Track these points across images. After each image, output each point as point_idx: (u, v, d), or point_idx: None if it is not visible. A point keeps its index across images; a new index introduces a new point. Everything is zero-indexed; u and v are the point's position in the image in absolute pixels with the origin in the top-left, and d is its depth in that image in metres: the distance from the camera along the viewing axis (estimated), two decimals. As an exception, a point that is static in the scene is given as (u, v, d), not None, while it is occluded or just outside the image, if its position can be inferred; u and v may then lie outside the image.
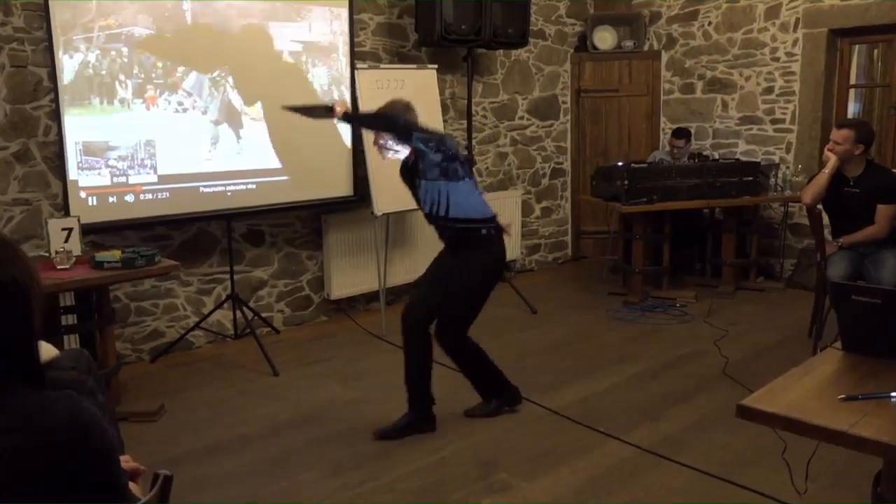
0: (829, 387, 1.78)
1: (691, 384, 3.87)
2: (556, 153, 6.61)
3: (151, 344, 4.43)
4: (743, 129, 6.09)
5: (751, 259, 5.68)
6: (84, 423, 1.17)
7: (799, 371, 1.88)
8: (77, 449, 1.15)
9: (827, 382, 1.82)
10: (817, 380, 1.83)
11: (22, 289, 1.18)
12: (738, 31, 6.00)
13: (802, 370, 1.89)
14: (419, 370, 3.37)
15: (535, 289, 5.76)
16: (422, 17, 5.11)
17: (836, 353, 2.00)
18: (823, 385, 1.80)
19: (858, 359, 1.92)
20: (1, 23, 3.76)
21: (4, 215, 3.87)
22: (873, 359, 1.90)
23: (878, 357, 1.89)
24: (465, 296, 3.32)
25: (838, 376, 1.87)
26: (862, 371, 1.86)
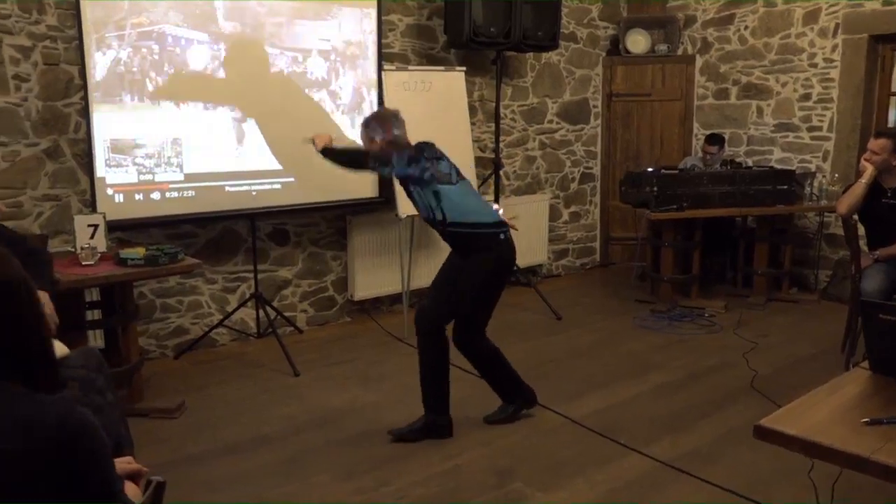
0: (854, 409, 1.71)
1: (717, 397, 3.78)
2: (585, 157, 6.53)
3: (176, 340, 4.47)
4: (778, 137, 5.95)
5: (784, 269, 5.54)
6: (75, 427, 1.16)
7: (823, 391, 1.81)
8: (67, 452, 1.14)
9: (852, 404, 1.74)
10: (841, 401, 1.76)
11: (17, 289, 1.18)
12: (775, 35, 5.86)
13: (827, 390, 1.82)
14: (433, 373, 3.35)
15: (561, 294, 5.69)
16: (451, 18, 5.07)
17: (864, 374, 1.92)
18: (848, 407, 1.72)
19: (886, 381, 1.84)
20: (35, 21, 3.82)
21: (35, 210, 3.93)
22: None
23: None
24: (475, 295, 3.31)
25: (864, 398, 1.79)
26: (889, 394, 1.78)
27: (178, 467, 3.06)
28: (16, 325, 1.20)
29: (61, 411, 1.16)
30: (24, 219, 3.89)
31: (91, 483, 1.18)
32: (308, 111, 4.45)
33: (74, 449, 1.14)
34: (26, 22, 3.79)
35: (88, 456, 1.16)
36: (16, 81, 3.80)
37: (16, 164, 3.85)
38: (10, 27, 3.75)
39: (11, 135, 3.82)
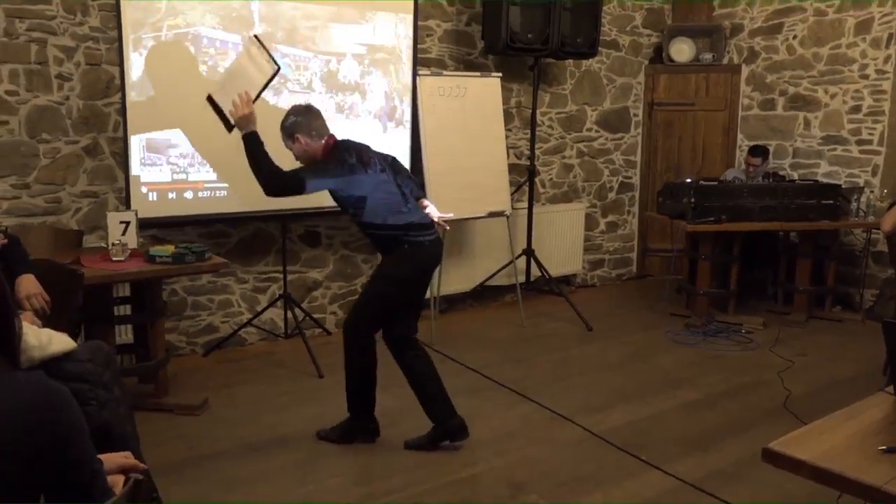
0: (872, 435, 1.62)
1: (747, 416, 3.65)
2: (624, 167, 6.42)
3: (205, 338, 4.52)
4: (826, 150, 5.76)
5: (827, 287, 5.35)
6: (51, 400, 1.16)
7: (842, 415, 1.73)
8: (42, 427, 1.13)
9: (871, 430, 1.66)
10: (861, 426, 1.67)
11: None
12: (824, 45, 5.68)
13: (846, 414, 1.73)
14: (355, 377, 3.29)
15: (594, 305, 5.60)
16: (488, 24, 5.05)
17: (889, 399, 1.83)
18: (866, 433, 1.64)
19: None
20: (79, 22, 3.92)
21: (73, 206, 4.03)
22: (928, 407, 1.72)
23: (934, 406, 1.71)
24: (367, 300, 3.24)
25: (886, 425, 1.70)
26: (912, 420, 1.68)
27: (196, 464, 3.09)
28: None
29: (36, 383, 1.16)
30: (63, 214, 3.99)
31: (68, 458, 1.17)
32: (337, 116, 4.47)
33: (49, 421, 1.14)
34: (70, 23, 3.90)
35: (65, 427, 1.16)
36: (59, 81, 3.91)
37: (56, 161, 3.95)
38: (55, 28, 3.86)
39: (53, 132, 3.92)
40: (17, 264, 2.63)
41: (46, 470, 1.15)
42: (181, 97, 3.90)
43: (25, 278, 2.61)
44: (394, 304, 3.21)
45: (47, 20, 3.83)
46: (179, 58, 3.90)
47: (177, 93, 3.90)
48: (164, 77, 3.86)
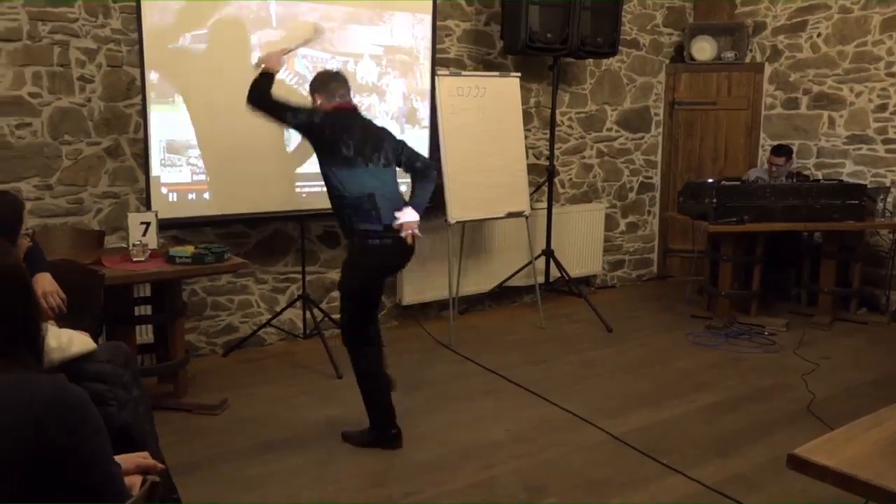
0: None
1: (770, 420, 3.60)
2: (645, 167, 6.36)
3: (225, 338, 4.55)
4: (851, 149, 5.66)
5: (852, 288, 5.26)
6: (70, 403, 1.17)
7: (868, 421, 1.69)
8: (60, 426, 1.14)
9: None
10: (888, 433, 1.63)
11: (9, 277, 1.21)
12: (849, 43, 5.58)
13: (872, 420, 1.69)
14: (365, 384, 3.26)
15: (614, 306, 5.55)
16: (507, 24, 5.03)
17: (916, 404, 1.78)
18: (893, 440, 1.59)
19: (940, 412, 1.70)
20: (100, 24, 3.96)
21: (94, 207, 4.06)
22: (957, 414, 1.67)
23: (963, 412, 1.67)
24: (341, 298, 3.28)
25: (913, 431, 1.66)
26: (942, 427, 1.64)
27: (214, 464, 3.10)
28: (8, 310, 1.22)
29: (54, 387, 1.17)
30: (84, 215, 4.02)
31: (84, 461, 1.18)
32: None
33: (67, 423, 1.15)
34: (92, 25, 3.94)
35: (81, 431, 1.16)
36: (81, 83, 3.94)
37: (78, 162, 3.99)
38: (77, 30, 3.90)
39: (75, 134, 3.96)
40: (34, 263, 2.65)
41: (64, 471, 1.15)
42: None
43: (41, 276, 2.63)
44: (362, 295, 3.19)
45: (69, 23, 3.86)
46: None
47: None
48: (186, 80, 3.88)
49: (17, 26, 3.73)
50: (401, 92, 4.62)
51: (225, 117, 3.98)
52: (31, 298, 1.26)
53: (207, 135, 4.01)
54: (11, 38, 3.72)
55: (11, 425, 1.11)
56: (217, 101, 3.97)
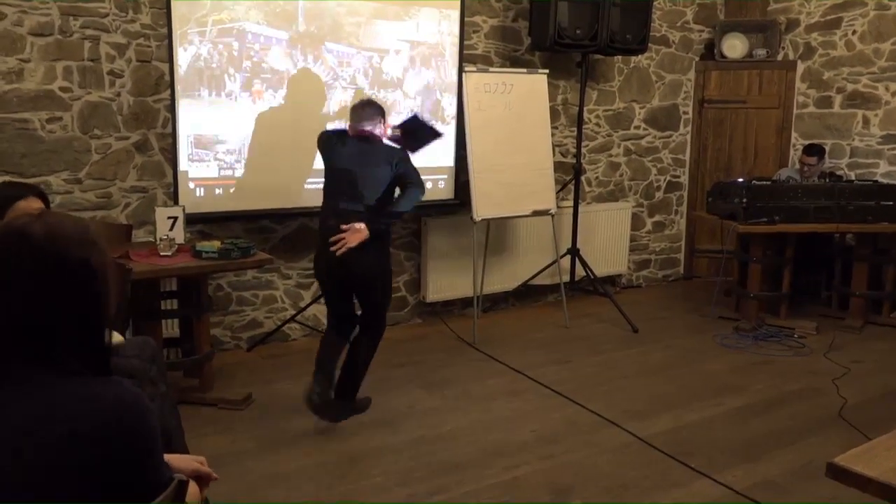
0: (944, 453, 1.53)
1: (800, 425, 3.53)
2: (672, 165, 6.28)
3: (250, 333, 4.56)
4: (886, 149, 5.54)
5: (885, 292, 5.14)
6: (132, 404, 1.16)
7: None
8: (126, 430, 1.13)
9: (942, 447, 1.56)
10: (930, 442, 1.58)
11: (90, 273, 1.18)
12: (886, 41, 5.46)
13: (914, 429, 1.63)
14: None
15: (640, 307, 5.49)
16: (536, 20, 4.98)
17: (960, 413, 1.72)
18: (937, 450, 1.54)
19: None
20: (130, 20, 3.98)
21: (123, 201, 4.09)
22: None
23: None
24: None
25: (957, 441, 1.60)
26: None
27: (239, 459, 3.10)
28: (87, 309, 1.20)
29: (117, 391, 1.16)
30: (112, 209, 4.05)
31: (146, 465, 1.18)
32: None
33: (133, 427, 1.14)
34: (122, 20, 3.96)
35: (147, 434, 1.16)
36: (110, 77, 3.97)
37: (107, 157, 4.02)
38: (108, 25, 3.92)
39: (104, 128, 3.99)
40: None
41: (123, 475, 1.14)
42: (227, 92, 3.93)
43: None
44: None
45: (100, 17, 3.89)
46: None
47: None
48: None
49: (49, 21, 3.76)
50: (426, 87, 4.59)
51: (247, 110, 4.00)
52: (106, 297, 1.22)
53: (233, 129, 4.02)
54: (43, 33, 3.76)
55: (84, 430, 1.10)
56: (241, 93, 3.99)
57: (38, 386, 1.13)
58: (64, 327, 1.17)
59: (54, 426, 1.10)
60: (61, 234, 1.18)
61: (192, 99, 3.88)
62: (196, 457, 1.54)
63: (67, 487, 1.09)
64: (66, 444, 1.10)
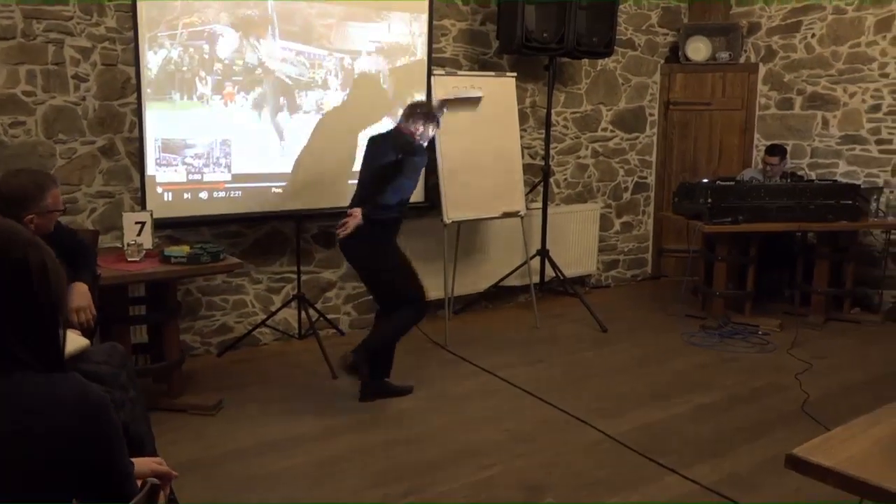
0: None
1: (765, 420, 3.61)
2: (639, 167, 6.38)
3: (220, 338, 4.53)
4: (844, 149, 5.69)
5: (845, 288, 5.28)
6: (94, 400, 1.17)
7: (865, 421, 1.70)
8: (90, 426, 1.14)
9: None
10: (885, 432, 1.64)
11: (34, 272, 1.18)
12: (843, 44, 5.61)
13: (869, 420, 1.70)
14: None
15: (609, 306, 5.56)
16: (503, 24, 5.03)
17: (914, 404, 1.79)
18: (891, 439, 1.60)
19: (938, 413, 1.71)
20: (95, 23, 3.94)
21: (89, 206, 4.05)
22: (955, 414, 1.68)
23: (961, 412, 1.68)
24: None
25: (911, 431, 1.67)
26: (940, 427, 1.65)
27: (211, 465, 3.09)
28: (29, 309, 1.20)
29: (78, 387, 1.17)
30: (78, 214, 4.00)
31: (108, 460, 1.18)
32: (355, 113, 4.48)
33: (97, 422, 1.15)
34: (87, 24, 3.91)
35: (109, 430, 1.17)
36: (75, 81, 3.92)
37: (72, 162, 3.97)
38: (72, 29, 3.87)
39: (69, 133, 3.94)
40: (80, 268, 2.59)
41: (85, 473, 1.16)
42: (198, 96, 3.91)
43: (77, 287, 2.55)
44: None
45: (64, 21, 3.84)
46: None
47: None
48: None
49: (12, 24, 3.71)
50: (398, 89, 4.61)
51: (218, 114, 3.99)
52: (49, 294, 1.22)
53: (202, 133, 4.00)
54: (6, 37, 3.70)
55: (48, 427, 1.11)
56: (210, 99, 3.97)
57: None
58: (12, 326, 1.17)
59: (8, 422, 1.11)
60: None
61: (164, 102, 3.85)
62: (153, 458, 1.55)
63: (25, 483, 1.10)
64: (21, 439, 1.11)
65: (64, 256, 2.55)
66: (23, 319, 1.18)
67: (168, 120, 3.88)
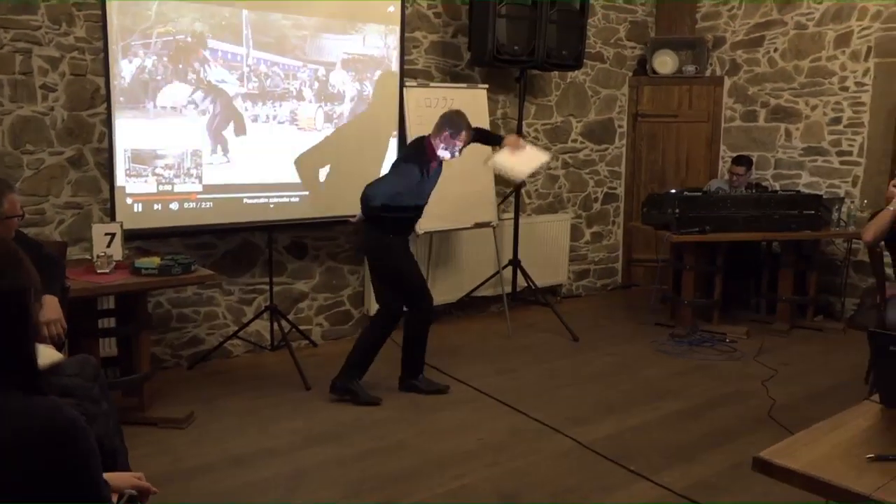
0: (859, 444, 1.64)
1: (733, 426, 3.68)
2: (609, 178, 6.47)
3: (190, 350, 4.49)
4: (807, 161, 5.84)
5: (809, 296, 5.41)
6: (63, 424, 1.16)
7: (828, 424, 1.75)
8: (56, 450, 1.13)
9: (858, 439, 1.68)
10: (847, 435, 1.69)
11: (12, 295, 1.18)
12: (805, 58, 5.77)
13: (832, 423, 1.75)
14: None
15: (580, 316, 5.62)
16: (475, 36, 5.08)
17: (874, 408, 1.85)
18: (853, 442, 1.66)
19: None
20: (64, 33, 3.90)
21: (57, 217, 3.99)
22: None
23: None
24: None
25: (871, 433, 1.72)
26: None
27: (183, 478, 3.06)
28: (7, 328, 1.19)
29: (50, 410, 1.16)
30: (46, 226, 3.95)
31: (79, 484, 1.17)
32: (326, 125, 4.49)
33: (63, 446, 1.14)
34: (56, 33, 3.88)
35: (78, 455, 1.16)
36: (43, 91, 3.88)
37: (40, 172, 3.92)
38: (40, 38, 3.84)
39: (37, 143, 3.89)
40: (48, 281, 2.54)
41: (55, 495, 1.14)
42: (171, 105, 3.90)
43: (48, 300, 2.51)
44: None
45: (32, 30, 3.80)
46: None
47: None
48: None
49: (-22, 34, 3.66)
50: (371, 100, 4.63)
51: (191, 124, 3.97)
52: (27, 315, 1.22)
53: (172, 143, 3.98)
54: (-28, 46, 3.66)
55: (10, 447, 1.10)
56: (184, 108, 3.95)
57: None
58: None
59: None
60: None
61: (136, 111, 3.82)
62: (133, 473, 1.54)
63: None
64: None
65: None
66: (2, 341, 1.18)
67: (139, 130, 3.85)
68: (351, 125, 4.57)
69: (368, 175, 4.68)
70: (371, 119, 4.66)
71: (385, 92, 4.68)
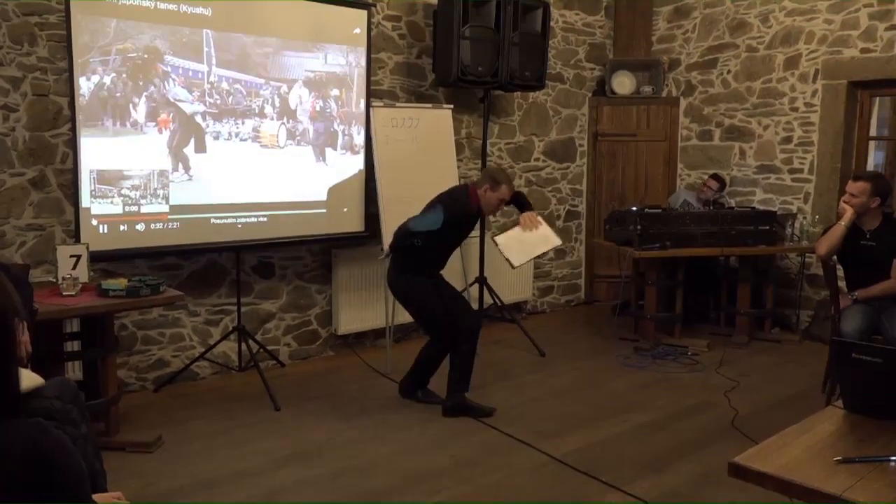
0: (827, 448, 1.72)
1: (698, 436, 3.77)
2: (571, 195, 6.59)
3: (156, 373, 4.43)
4: (761, 178, 6.04)
5: (766, 309, 5.58)
6: (48, 448, 1.15)
7: (796, 429, 1.82)
8: (41, 473, 1.13)
9: (825, 443, 1.76)
10: (815, 439, 1.77)
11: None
12: (756, 80, 5.99)
13: (800, 429, 1.83)
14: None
15: (545, 331, 5.70)
16: (439, 58, 5.17)
17: (838, 413, 1.93)
18: (821, 446, 1.73)
19: (860, 419, 1.86)
20: (26, 53, 3.85)
21: (18, 240, 3.92)
22: (875, 420, 1.83)
23: (880, 418, 1.82)
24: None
25: (837, 437, 1.81)
26: (862, 432, 1.79)
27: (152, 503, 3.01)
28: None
29: (34, 434, 1.15)
30: (6, 248, 3.87)
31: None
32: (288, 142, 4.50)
33: (51, 468, 1.13)
34: (17, 53, 3.83)
35: (65, 476, 1.15)
36: (4, 112, 3.82)
37: (1, 194, 3.85)
38: (2, 59, 3.78)
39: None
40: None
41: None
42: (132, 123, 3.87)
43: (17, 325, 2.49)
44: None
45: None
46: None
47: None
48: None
49: (-63, 53, 3.60)
50: (334, 118, 4.66)
51: (153, 143, 3.95)
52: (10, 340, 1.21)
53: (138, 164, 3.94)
54: (-70, 66, 3.59)
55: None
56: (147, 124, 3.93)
57: None
58: None
59: None
60: None
61: (97, 129, 3.77)
62: (113, 493, 1.53)
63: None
64: None
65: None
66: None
67: (103, 150, 3.80)
68: (314, 141, 4.59)
69: (333, 196, 4.72)
70: (335, 135, 4.69)
71: (348, 112, 4.71)
